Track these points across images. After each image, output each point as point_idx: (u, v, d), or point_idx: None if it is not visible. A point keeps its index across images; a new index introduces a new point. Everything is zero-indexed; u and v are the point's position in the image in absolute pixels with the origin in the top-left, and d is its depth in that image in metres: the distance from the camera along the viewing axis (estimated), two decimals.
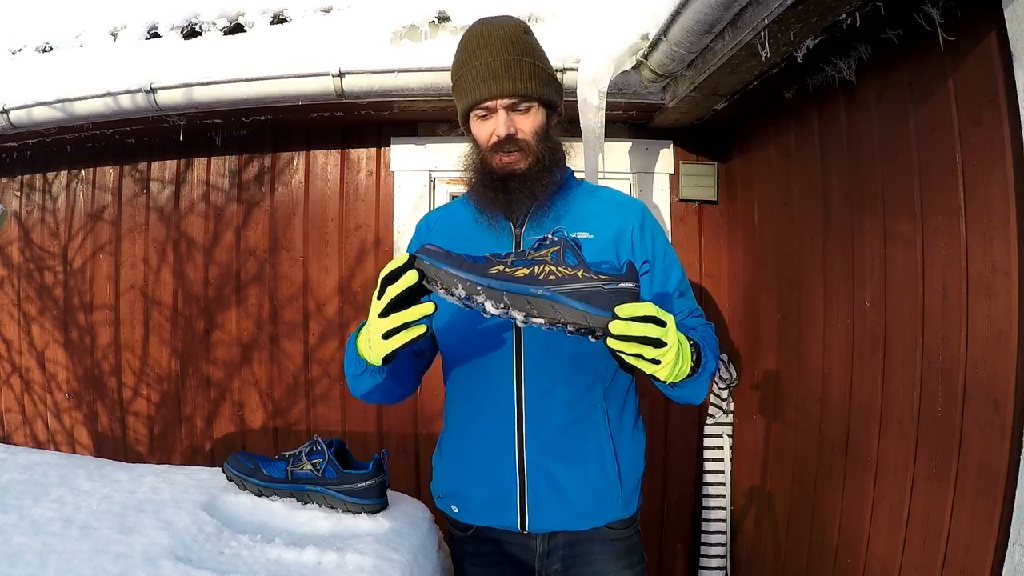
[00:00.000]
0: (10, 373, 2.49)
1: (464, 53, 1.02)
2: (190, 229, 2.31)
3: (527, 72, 0.99)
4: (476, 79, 0.99)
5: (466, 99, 1.01)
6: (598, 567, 1.05)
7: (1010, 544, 0.95)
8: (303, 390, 2.24)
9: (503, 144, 1.00)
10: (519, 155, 1.01)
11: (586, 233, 1.03)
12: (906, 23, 1.19)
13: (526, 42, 1.01)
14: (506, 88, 0.97)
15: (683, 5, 1.31)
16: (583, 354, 1.01)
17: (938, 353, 1.16)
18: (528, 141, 1.01)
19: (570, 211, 1.07)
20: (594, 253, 1.00)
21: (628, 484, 1.05)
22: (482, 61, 0.98)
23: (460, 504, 1.09)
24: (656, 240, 1.07)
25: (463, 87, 1.01)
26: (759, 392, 1.94)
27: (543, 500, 1.02)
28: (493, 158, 1.02)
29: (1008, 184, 0.99)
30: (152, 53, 2.03)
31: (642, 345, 0.76)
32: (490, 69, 0.98)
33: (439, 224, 1.15)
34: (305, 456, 1.15)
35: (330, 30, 1.92)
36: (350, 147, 2.25)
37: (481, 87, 0.98)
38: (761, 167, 1.91)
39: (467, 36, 1.03)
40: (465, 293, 0.76)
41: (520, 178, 1.01)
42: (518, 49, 0.99)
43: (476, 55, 0.99)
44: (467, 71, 1.00)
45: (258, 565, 0.94)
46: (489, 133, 1.01)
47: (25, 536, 0.94)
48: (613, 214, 1.07)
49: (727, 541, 2.06)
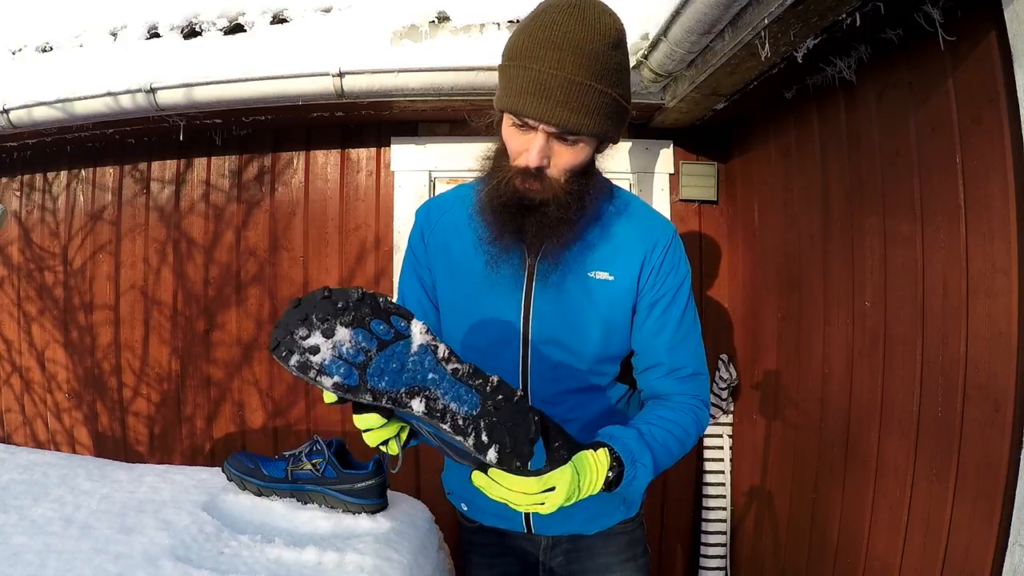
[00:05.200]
0: (10, 373, 2.49)
1: (529, 39, 0.79)
2: (190, 229, 2.31)
3: (592, 103, 0.78)
4: (525, 85, 0.78)
5: (506, 99, 0.82)
6: (601, 560, 1.06)
7: (1010, 544, 0.95)
8: (303, 390, 2.24)
9: (527, 173, 0.84)
10: (540, 188, 0.85)
11: (606, 274, 0.94)
12: (906, 23, 1.19)
13: (608, 61, 0.79)
14: (556, 117, 0.78)
15: (683, 5, 1.31)
16: (590, 382, 0.98)
17: (938, 353, 1.16)
18: (555, 179, 0.85)
19: (594, 247, 0.95)
20: (611, 298, 0.94)
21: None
22: (542, 67, 0.76)
23: (468, 504, 1.10)
24: (670, 278, 0.95)
25: (509, 80, 0.81)
26: (759, 392, 1.94)
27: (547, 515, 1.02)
28: (516, 178, 0.86)
29: (1008, 184, 0.98)
30: (152, 53, 2.03)
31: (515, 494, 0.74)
32: (547, 84, 0.76)
33: (439, 229, 1.02)
34: (305, 456, 1.15)
35: (330, 30, 1.92)
36: (350, 147, 2.25)
37: (527, 100, 0.78)
38: (761, 167, 1.91)
39: (544, 17, 0.78)
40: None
41: (540, 213, 0.87)
42: (594, 70, 0.77)
43: (539, 54, 0.77)
44: (520, 67, 0.79)
45: (258, 565, 0.94)
46: (519, 149, 0.84)
47: (25, 536, 0.94)
48: (638, 246, 0.95)
49: (727, 541, 2.06)
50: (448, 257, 1.00)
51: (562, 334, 0.95)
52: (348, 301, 0.67)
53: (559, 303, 0.94)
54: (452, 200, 1.05)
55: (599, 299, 0.95)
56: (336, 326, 0.65)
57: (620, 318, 0.96)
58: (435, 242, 1.02)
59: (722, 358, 2.07)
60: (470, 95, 1.82)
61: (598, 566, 1.06)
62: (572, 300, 0.94)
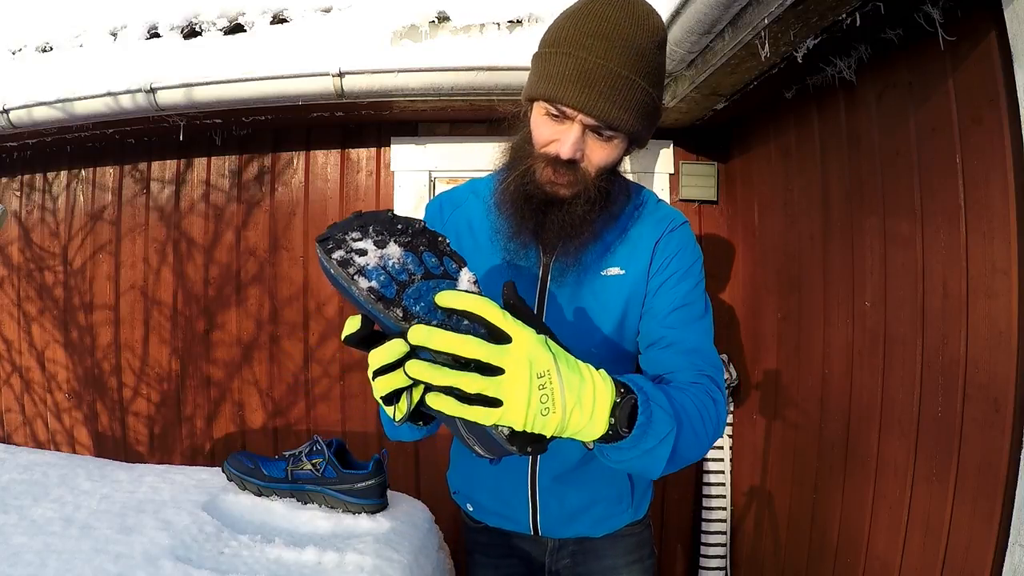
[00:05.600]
0: (10, 373, 2.49)
1: (574, 28, 0.77)
2: (190, 229, 2.31)
3: (635, 100, 0.77)
4: (569, 73, 0.76)
5: (544, 87, 0.78)
6: (608, 562, 1.06)
7: (1010, 544, 0.95)
8: (303, 390, 2.24)
9: (558, 162, 0.80)
10: (569, 182, 0.82)
11: (617, 269, 0.92)
12: (906, 23, 1.19)
13: (652, 60, 0.78)
14: (598, 108, 0.76)
15: (683, 5, 1.31)
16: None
17: (938, 353, 1.16)
18: (588, 174, 0.82)
19: (611, 247, 0.93)
20: (623, 291, 0.92)
21: (639, 490, 1.05)
22: (588, 55, 0.75)
23: (474, 505, 1.09)
24: (677, 258, 0.92)
25: (550, 67, 0.78)
26: (759, 392, 1.94)
27: (554, 519, 1.02)
28: (541, 167, 0.82)
29: (1008, 184, 0.98)
30: (152, 53, 2.03)
31: (458, 375, 0.51)
32: (592, 74, 0.75)
33: (451, 224, 0.99)
34: (305, 456, 1.15)
35: (330, 30, 1.92)
36: (350, 147, 2.25)
37: (570, 88, 0.75)
38: (761, 167, 1.91)
39: (592, 7, 0.77)
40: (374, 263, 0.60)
41: (565, 210, 0.84)
42: (640, 66, 0.76)
43: (586, 43, 0.75)
44: (564, 54, 0.76)
45: (258, 565, 0.94)
46: (549, 139, 0.81)
47: (25, 536, 0.94)
48: (649, 239, 0.93)
49: (727, 541, 2.06)
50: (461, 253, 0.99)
51: (574, 333, 0.93)
52: (409, 227, 0.65)
53: (573, 303, 0.93)
54: (464, 195, 1.02)
55: (612, 295, 0.93)
56: (390, 242, 0.63)
57: (632, 312, 0.93)
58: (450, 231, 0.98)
59: (722, 358, 2.07)
60: (470, 95, 1.82)
61: (604, 568, 1.06)
62: (585, 300, 0.93)
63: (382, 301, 0.57)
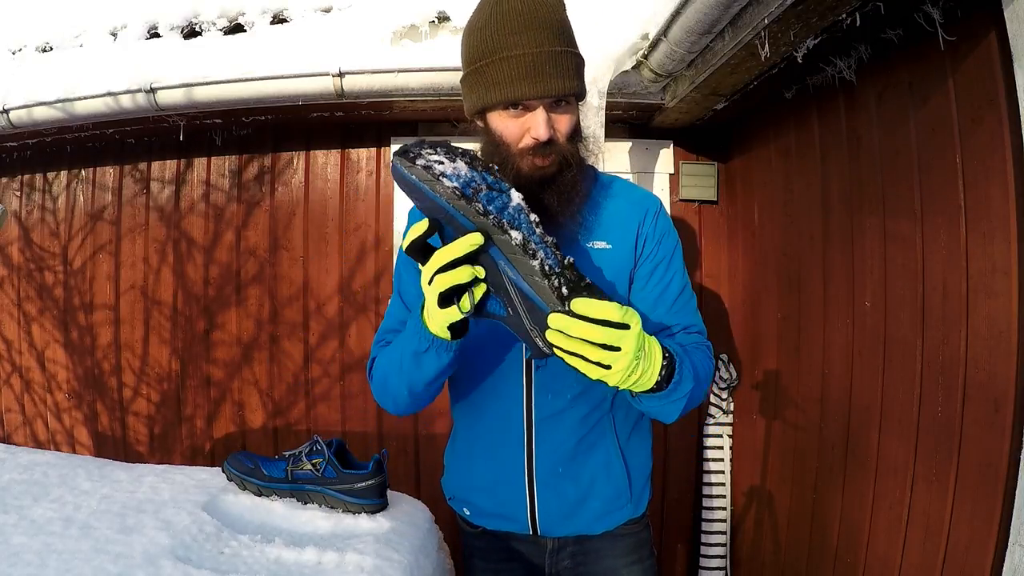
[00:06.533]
0: (10, 373, 2.49)
1: (496, 34, 0.84)
2: (190, 229, 2.31)
3: (571, 65, 0.85)
4: (517, 72, 0.83)
5: (498, 93, 0.85)
6: (608, 563, 1.06)
7: (1010, 544, 0.95)
8: (303, 390, 2.24)
9: (540, 147, 0.86)
10: (552, 159, 0.88)
11: (604, 243, 0.97)
12: (906, 23, 1.19)
13: (566, 24, 0.87)
14: (554, 88, 0.83)
15: (683, 5, 1.31)
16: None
17: (938, 353, 1.16)
18: (562, 144, 0.89)
19: (588, 222, 0.97)
20: (612, 266, 0.96)
21: (637, 484, 1.06)
22: (524, 51, 0.82)
23: (471, 509, 1.09)
24: (663, 243, 0.99)
25: (493, 77, 0.84)
26: (759, 392, 1.94)
27: (553, 514, 1.02)
28: (524, 161, 0.88)
29: (1008, 184, 0.98)
30: (152, 53, 2.02)
31: (586, 345, 0.69)
32: (535, 62, 0.82)
33: None
34: (305, 456, 1.15)
35: (330, 30, 1.92)
36: (350, 147, 2.25)
37: (524, 84, 0.83)
38: (761, 167, 1.91)
39: (500, 11, 0.84)
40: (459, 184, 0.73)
41: (555, 185, 0.89)
42: (561, 36, 0.85)
43: (515, 40, 0.82)
44: (502, 60, 0.83)
45: (258, 565, 0.94)
46: (521, 133, 0.87)
47: (25, 536, 0.94)
48: (631, 216, 0.99)
49: (727, 541, 2.06)
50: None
51: None
52: (467, 152, 0.76)
53: None
54: None
55: (603, 267, 0.97)
56: (457, 159, 0.73)
57: (620, 285, 0.98)
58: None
59: (722, 358, 2.07)
60: None
61: (605, 569, 1.06)
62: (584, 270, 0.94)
63: (464, 199, 0.71)
